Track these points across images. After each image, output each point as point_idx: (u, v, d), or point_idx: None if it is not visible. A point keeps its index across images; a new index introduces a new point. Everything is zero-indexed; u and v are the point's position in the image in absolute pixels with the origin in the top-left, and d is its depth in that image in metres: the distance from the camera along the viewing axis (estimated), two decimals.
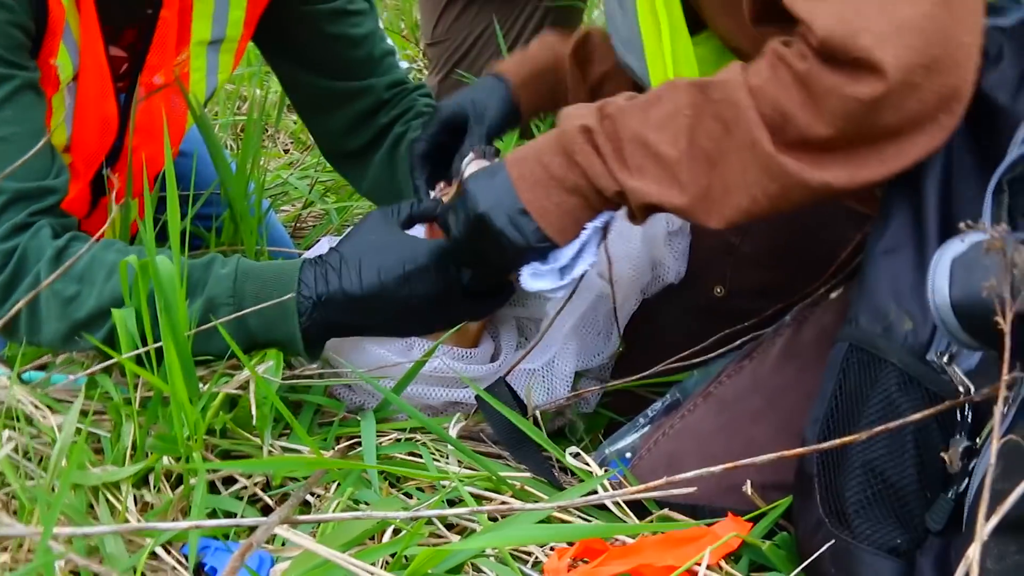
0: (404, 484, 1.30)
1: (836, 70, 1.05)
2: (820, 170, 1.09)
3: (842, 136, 1.07)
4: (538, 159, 1.24)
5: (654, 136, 1.17)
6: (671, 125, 1.16)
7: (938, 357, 1.08)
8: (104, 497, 1.26)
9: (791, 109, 1.08)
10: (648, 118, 1.18)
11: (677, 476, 1.00)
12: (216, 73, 1.77)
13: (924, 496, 1.06)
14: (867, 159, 1.08)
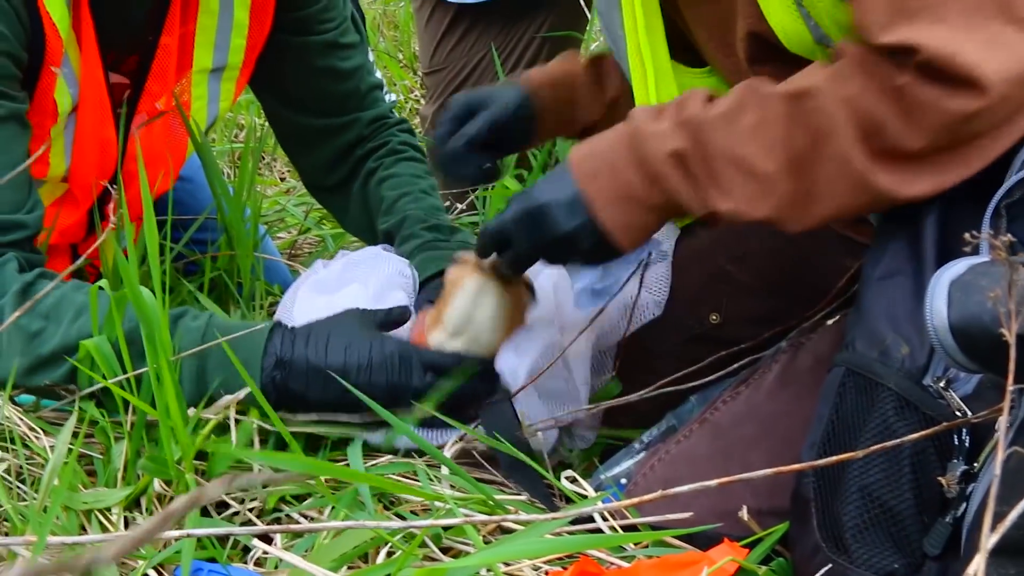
0: (398, 506, 1.29)
1: (936, 85, 1.06)
2: (910, 182, 1.10)
3: (933, 147, 1.09)
4: (615, 176, 1.22)
5: (746, 150, 1.16)
6: (762, 137, 1.15)
7: (935, 382, 1.08)
8: (96, 519, 1.25)
9: (885, 121, 1.09)
10: (736, 131, 1.17)
11: (671, 490, 0.99)
12: (217, 102, 1.77)
13: (921, 521, 1.05)
14: (952, 164, 1.10)
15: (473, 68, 2.28)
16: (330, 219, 2.39)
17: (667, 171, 1.19)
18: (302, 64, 1.78)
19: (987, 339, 0.89)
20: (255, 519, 1.27)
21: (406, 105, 3.15)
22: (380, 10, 3.57)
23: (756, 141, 1.15)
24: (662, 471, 1.35)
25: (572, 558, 1.18)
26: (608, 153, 1.23)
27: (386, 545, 1.16)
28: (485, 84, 2.28)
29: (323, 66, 1.78)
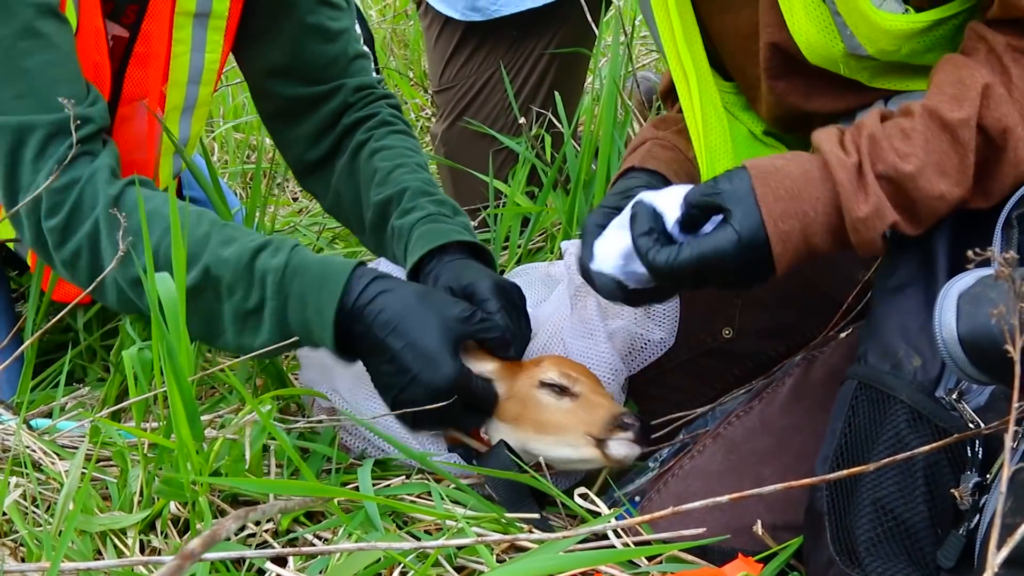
0: (411, 526, 1.29)
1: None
2: None
3: None
4: (807, 234, 1.17)
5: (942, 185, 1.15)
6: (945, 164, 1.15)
7: (947, 394, 1.08)
8: (112, 543, 1.26)
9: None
10: (931, 171, 1.14)
11: (682, 507, 0.99)
12: (203, 51, 1.74)
13: (935, 533, 1.05)
14: None
15: (483, 85, 2.29)
16: (342, 239, 2.40)
17: (879, 243, 1.16)
18: (291, 21, 1.75)
19: (996, 351, 0.89)
20: (270, 540, 1.27)
21: (417, 123, 3.16)
22: (390, 29, 3.58)
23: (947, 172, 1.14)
24: (675, 487, 1.35)
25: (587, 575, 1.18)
26: (803, 204, 1.17)
27: (399, 565, 1.16)
28: (494, 101, 2.28)
29: (312, 23, 1.75)
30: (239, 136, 3.07)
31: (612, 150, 2.16)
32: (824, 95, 1.34)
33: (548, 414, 1.37)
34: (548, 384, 1.38)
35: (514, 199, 2.21)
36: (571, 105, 2.33)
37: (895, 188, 1.14)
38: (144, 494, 1.30)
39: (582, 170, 2.15)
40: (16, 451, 1.35)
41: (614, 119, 2.18)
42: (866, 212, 1.14)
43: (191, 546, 0.60)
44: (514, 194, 2.22)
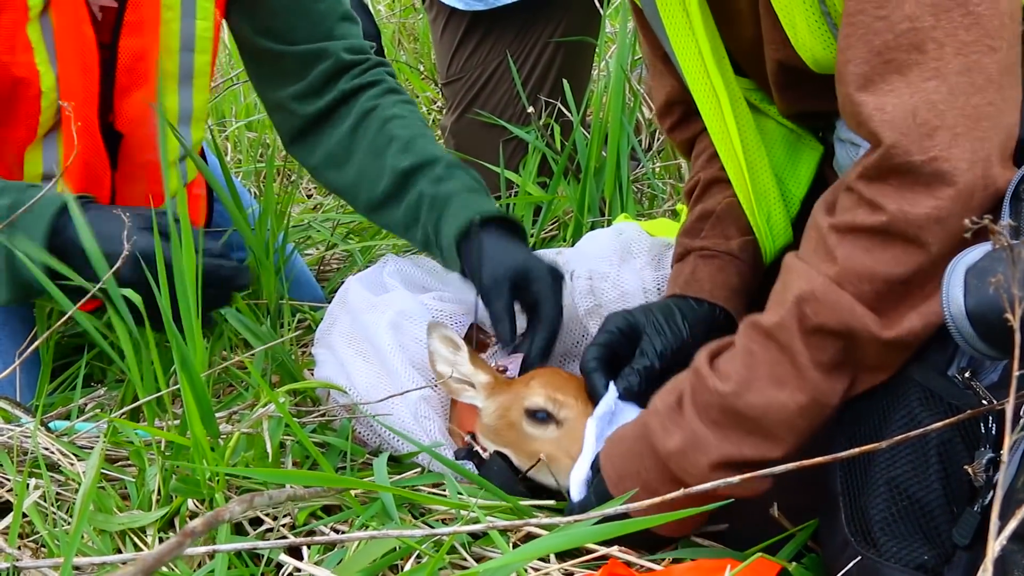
0: (427, 516, 1.29)
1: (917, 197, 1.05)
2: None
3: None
4: (652, 492, 1.18)
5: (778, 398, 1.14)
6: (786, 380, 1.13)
7: (960, 372, 1.07)
8: (131, 541, 1.26)
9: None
10: (759, 390, 1.14)
11: (692, 489, 0.99)
12: (193, 18, 1.73)
13: (950, 511, 1.04)
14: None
15: (490, 76, 2.29)
16: (356, 234, 2.40)
17: (717, 476, 1.13)
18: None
19: (1005, 325, 0.89)
20: (288, 534, 1.28)
21: (428, 117, 3.16)
22: (399, 23, 3.58)
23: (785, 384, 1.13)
24: None
25: (601, 561, 1.18)
26: (637, 466, 1.21)
27: (414, 554, 1.17)
28: (502, 91, 2.28)
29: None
30: (252, 135, 3.08)
31: (622, 136, 2.16)
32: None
33: (532, 444, 1.37)
34: (532, 411, 1.38)
35: (526, 188, 2.21)
36: (579, 93, 2.32)
37: (724, 412, 1.14)
38: (162, 492, 1.30)
39: (592, 158, 2.15)
40: (34, 453, 1.36)
41: (623, 106, 2.17)
42: (676, 445, 1.16)
43: (193, 524, 0.60)
44: (526, 183, 2.22)
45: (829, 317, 1.08)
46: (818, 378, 1.11)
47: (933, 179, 1.03)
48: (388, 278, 1.66)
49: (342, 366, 1.51)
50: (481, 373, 1.46)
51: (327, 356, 1.54)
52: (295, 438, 1.40)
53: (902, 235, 1.05)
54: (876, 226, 1.06)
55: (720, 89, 1.35)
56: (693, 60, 1.36)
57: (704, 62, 1.34)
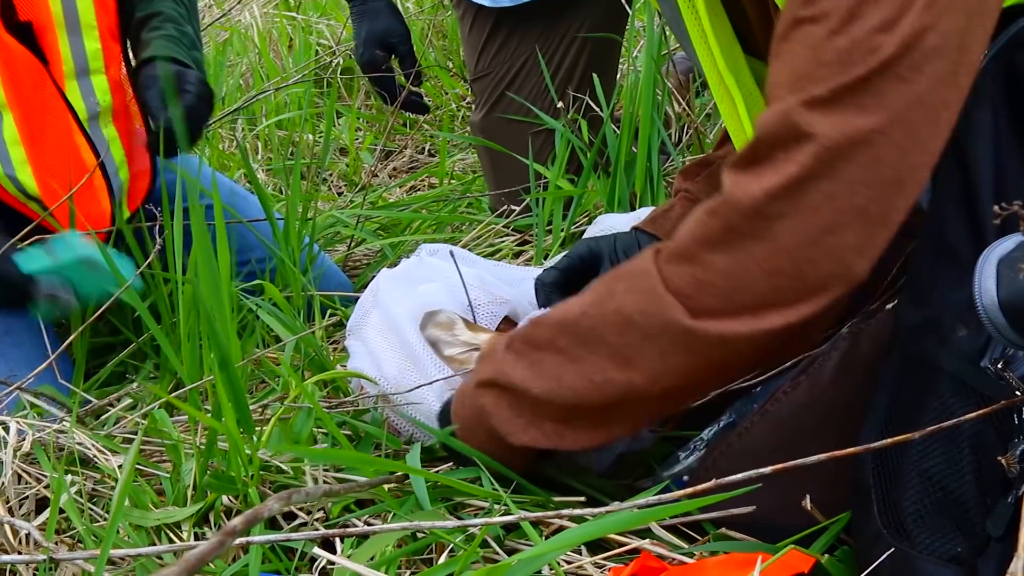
0: (460, 511, 1.30)
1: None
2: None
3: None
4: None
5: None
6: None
7: (993, 363, 1.07)
8: (167, 537, 1.28)
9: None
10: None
11: (725, 479, 0.99)
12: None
13: (984, 502, 1.04)
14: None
15: (518, 71, 2.29)
16: (385, 228, 2.42)
17: (479, 394, 1.24)
18: None
19: None
20: (321, 528, 1.29)
21: (459, 113, 3.17)
22: (428, 20, 3.59)
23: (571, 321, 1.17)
24: (724, 465, 1.34)
25: (633, 554, 1.18)
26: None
27: (448, 547, 1.17)
28: (530, 86, 2.28)
29: None
30: (282, 133, 3.09)
31: (652, 131, 2.15)
32: None
33: None
34: None
35: (556, 182, 2.21)
36: (607, 88, 2.32)
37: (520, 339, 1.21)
38: (197, 487, 1.32)
39: (622, 151, 2.15)
40: (70, 448, 1.37)
41: (653, 100, 2.17)
42: (484, 351, 1.31)
43: (233, 523, 0.61)
44: (556, 177, 2.22)
45: (635, 284, 1.12)
46: (593, 341, 1.14)
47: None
48: (429, 259, 1.67)
49: (372, 356, 1.51)
50: (482, 334, 1.48)
51: (359, 347, 1.55)
52: (326, 430, 1.41)
53: (728, 219, 1.07)
54: (712, 206, 1.08)
55: (732, 85, 1.35)
56: (704, 56, 1.36)
57: (716, 64, 1.35)
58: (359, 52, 2.33)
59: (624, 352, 1.13)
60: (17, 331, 1.82)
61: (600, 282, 1.17)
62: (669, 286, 1.09)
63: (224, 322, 1.33)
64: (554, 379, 1.17)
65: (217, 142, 3.06)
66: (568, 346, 1.16)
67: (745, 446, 1.35)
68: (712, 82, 1.37)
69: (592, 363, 1.15)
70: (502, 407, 1.22)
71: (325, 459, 1.33)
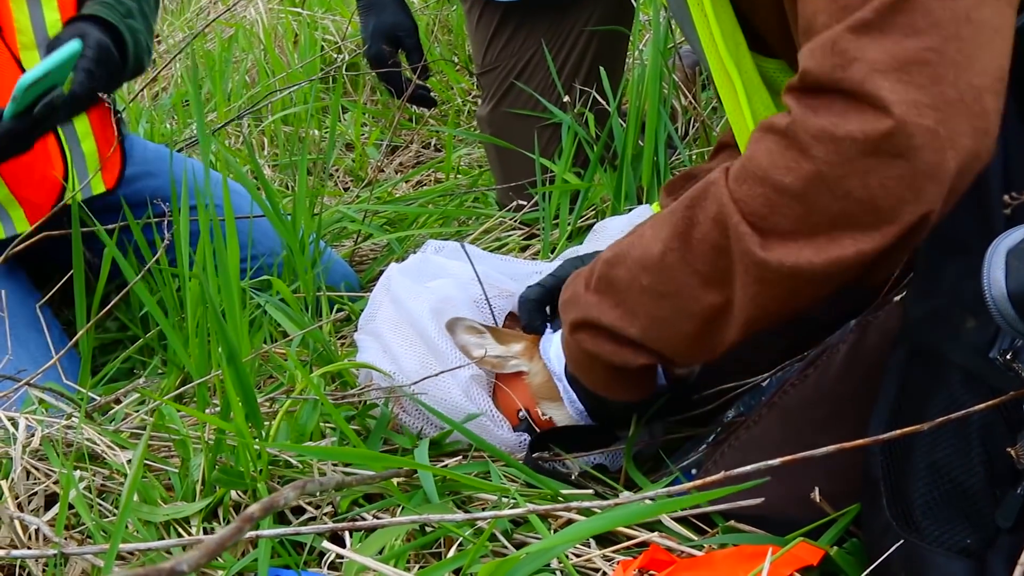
0: (469, 505, 1.30)
1: (826, 109, 1.01)
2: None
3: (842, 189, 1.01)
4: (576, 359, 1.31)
5: (644, 276, 1.18)
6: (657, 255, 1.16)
7: (1002, 355, 1.06)
8: (175, 532, 1.28)
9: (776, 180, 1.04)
10: (632, 261, 1.19)
11: (734, 471, 0.98)
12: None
13: (993, 494, 1.04)
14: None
15: (525, 65, 2.29)
16: (393, 223, 2.42)
17: (581, 338, 1.25)
18: None
19: None
20: (330, 522, 1.29)
21: (464, 108, 3.16)
22: (433, 15, 3.59)
23: (650, 260, 1.16)
24: (732, 458, 1.34)
25: (642, 547, 1.18)
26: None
27: (457, 541, 1.17)
28: (537, 80, 2.28)
29: None
30: (288, 129, 3.09)
31: (659, 125, 2.15)
32: None
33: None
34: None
35: (562, 176, 2.21)
36: (615, 82, 2.32)
37: (601, 279, 1.23)
38: (206, 482, 1.32)
39: (629, 145, 2.15)
40: (79, 444, 1.37)
41: (659, 93, 2.17)
42: (564, 298, 1.27)
43: (251, 510, 0.61)
44: (562, 171, 2.22)
45: (710, 210, 1.09)
46: (685, 273, 1.13)
47: (865, 104, 0.99)
48: (435, 256, 1.68)
49: (387, 352, 1.51)
50: (513, 343, 1.48)
51: (370, 343, 1.55)
52: (334, 424, 1.41)
53: (797, 142, 1.02)
54: (780, 127, 1.04)
55: (734, 74, 1.35)
56: (708, 45, 1.36)
57: (718, 51, 1.34)
58: (367, 45, 2.33)
59: (713, 277, 1.11)
60: (21, 328, 1.83)
61: (673, 212, 1.15)
62: (742, 208, 1.07)
63: (233, 316, 1.33)
64: (646, 317, 1.18)
65: (224, 139, 3.06)
66: (653, 283, 1.15)
67: (753, 439, 1.35)
68: (714, 67, 1.37)
69: (683, 296, 1.14)
70: (603, 344, 1.23)
71: (332, 457, 1.33)
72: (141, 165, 2.14)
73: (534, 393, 1.46)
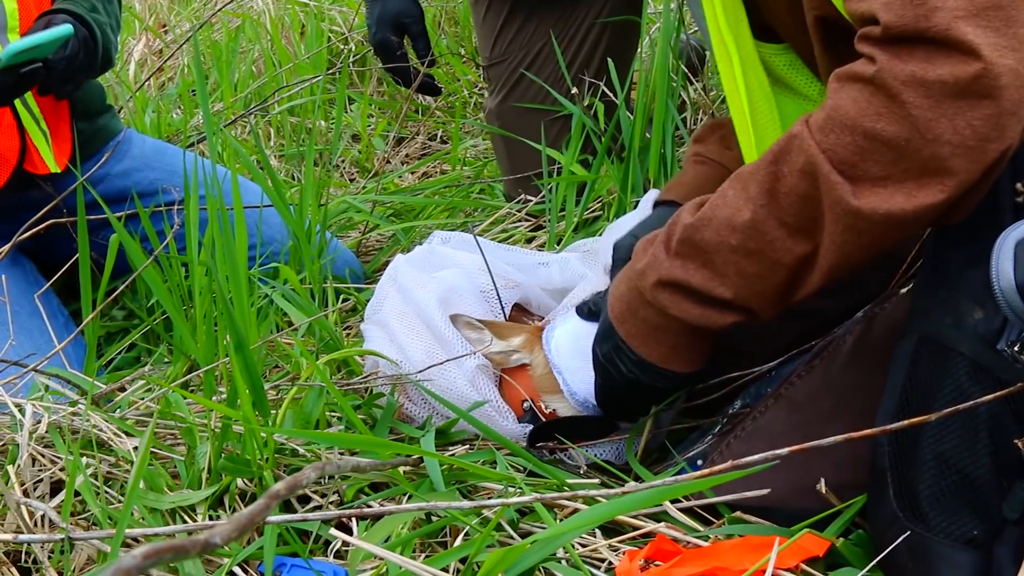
0: (475, 495, 1.30)
1: (912, 57, 1.02)
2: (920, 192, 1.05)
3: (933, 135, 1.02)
4: (635, 316, 1.29)
5: (733, 236, 1.17)
6: (746, 213, 1.16)
7: (1009, 346, 1.06)
8: (181, 519, 1.28)
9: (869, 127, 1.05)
10: (720, 221, 1.17)
11: (740, 460, 0.99)
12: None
13: (1000, 486, 1.04)
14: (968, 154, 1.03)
15: (534, 57, 2.28)
16: (399, 214, 2.42)
17: (664, 301, 1.23)
18: None
19: None
20: (336, 510, 1.29)
21: (471, 100, 3.16)
22: (440, 6, 3.58)
23: (739, 218, 1.15)
24: (738, 448, 1.34)
25: (648, 537, 1.18)
26: (626, 294, 1.29)
27: (463, 530, 1.18)
28: (546, 72, 2.28)
29: None
30: (295, 120, 3.09)
31: (667, 118, 2.15)
32: None
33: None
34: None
35: (569, 168, 2.21)
36: (624, 73, 2.31)
37: (683, 242, 1.20)
38: (212, 470, 1.32)
39: (636, 137, 2.14)
40: (85, 431, 1.37)
41: (668, 85, 2.16)
42: (641, 265, 1.24)
43: (276, 488, 0.62)
44: (569, 163, 2.22)
45: (796, 162, 1.09)
46: (774, 227, 1.12)
47: (952, 49, 1.01)
48: (441, 247, 1.68)
49: (393, 341, 1.52)
50: (513, 337, 1.49)
51: (376, 332, 1.55)
52: (340, 414, 1.41)
53: (885, 88, 1.03)
54: (866, 75, 1.05)
55: (731, 47, 1.35)
56: (711, 21, 1.36)
57: (718, 22, 1.35)
58: (372, 32, 2.33)
59: (802, 227, 1.12)
60: (25, 316, 1.84)
61: (755, 170, 1.15)
62: (831, 157, 1.07)
63: (241, 304, 1.34)
64: (737, 275, 1.17)
65: (230, 130, 3.06)
66: (743, 241, 1.15)
67: (759, 429, 1.35)
68: (715, 43, 1.37)
69: (774, 249, 1.14)
70: (688, 306, 1.22)
71: (340, 444, 1.34)
72: (139, 159, 2.16)
73: (536, 385, 1.46)
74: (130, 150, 2.18)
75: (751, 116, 1.37)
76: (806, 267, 1.14)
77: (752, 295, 1.18)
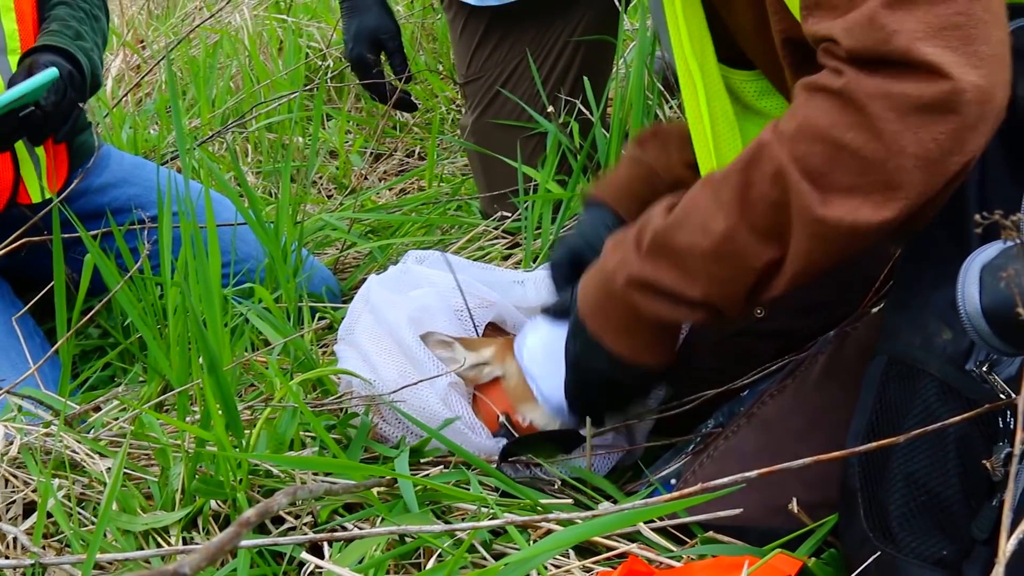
0: (449, 515, 1.30)
1: (877, 73, 1.04)
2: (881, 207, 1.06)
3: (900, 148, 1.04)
4: (606, 312, 1.30)
5: (701, 238, 1.18)
6: (717, 217, 1.17)
7: (978, 366, 1.07)
8: (154, 541, 1.28)
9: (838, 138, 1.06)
10: (692, 222, 1.19)
11: (712, 483, 0.99)
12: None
13: (969, 506, 1.04)
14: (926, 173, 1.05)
15: (510, 74, 2.29)
16: (376, 231, 2.42)
17: (635, 300, 1.24)
18: None
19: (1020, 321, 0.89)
20: (309, 532, 1.29)
21: (448, 117, 3.17)
22: (418, 23, 3.59)
23: (711, 223, 1.16)
24: (710, 468, 1.35)
25: (621, 558, 1.18)
26: (595, 292, 1.31)
27: (436, 552, 1.18)
28: (522, 90, 2.28)
29: None
30: (272, 136, 3.09)
31: None
32: None
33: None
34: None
35: (545, 185, 2.22)
36: (599, 91, 2.32)
37: (655, 243, 1.22)
38: (186, 491, 1.32)
39: (612, 154, 2.15)
40: (57, 452, 1.37)
41: (643, 103, 2.17)
42: (612, 264, 1.27)
43: (247, 515, 0.62)
44: (545, 180, 2.22)
45: (766, 170, 1.10)
46: (744, 233, 1.14)
47: (916, 69, 1.03)
48: (416, 266, 1.68)
49: (366, 361, 1.52)
50: (484, 349, 1.50)
51: (350, 353, 1.55)
52: (314, 434, 1.41)
53: (853, 101, 1.05)
54: (834, 87, 1.07)
55: (696, 75, 1.37)
56: (676, 46, 1.38)
57: (684, 49, 1.36)
58: (348, 48, 2.33)
59: (771, 233, 1.13)
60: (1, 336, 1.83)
61: (726, 176, 1.17)
62: (800, 167, 1.09)
63: (215, 324, 1.33)
64: (707, 278, 1.18)
65: (206, 146, 3.06)
66: (713, 246, 1.16)
67: (732, 449, 1.35)
68: (680, 69, 1.39)
69: (744, 255, 1.15)
70: (658, 305, 1.23)
71: (313, 467, 1.33)
72: (117, 174, 2.16)
73: (510, 396, 1.46)
74: (108, 165, 2.18)
75: (713, 144, 1.38)
76: (773, 272, 1.15)
77: (721, 296, 1.19)
